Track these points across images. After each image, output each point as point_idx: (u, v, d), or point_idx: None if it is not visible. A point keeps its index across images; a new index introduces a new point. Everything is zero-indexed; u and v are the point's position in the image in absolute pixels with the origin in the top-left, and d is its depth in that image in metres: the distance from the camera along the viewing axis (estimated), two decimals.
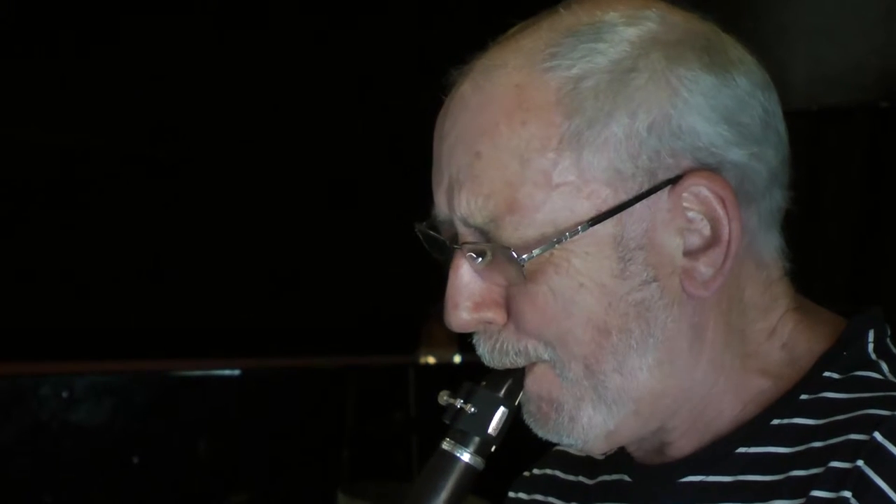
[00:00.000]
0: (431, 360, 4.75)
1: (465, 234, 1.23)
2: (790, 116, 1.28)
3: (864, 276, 4.02)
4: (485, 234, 1.21)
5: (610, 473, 1.36)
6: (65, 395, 4.40)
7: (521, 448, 1.33)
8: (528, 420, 1.26)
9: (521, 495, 1.47)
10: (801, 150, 1.29)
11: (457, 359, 4.71)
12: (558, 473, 1.44)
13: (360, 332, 4.82)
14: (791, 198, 1.26)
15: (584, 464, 1.38)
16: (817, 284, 1.35)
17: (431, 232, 1.27)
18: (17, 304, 4.53)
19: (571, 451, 1.28)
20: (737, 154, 1.21)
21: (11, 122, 4.55)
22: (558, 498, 1.43)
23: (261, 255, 4.90)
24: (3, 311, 4.49)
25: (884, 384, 1.22)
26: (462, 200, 1.21)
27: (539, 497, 1.45)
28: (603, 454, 1.29)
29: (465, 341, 1.28)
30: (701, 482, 1.26)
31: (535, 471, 1.47)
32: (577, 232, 1.18)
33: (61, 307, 4.62)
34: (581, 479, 1.40)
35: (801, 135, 3.49)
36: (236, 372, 4.73)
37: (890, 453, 1.14)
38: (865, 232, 4.04)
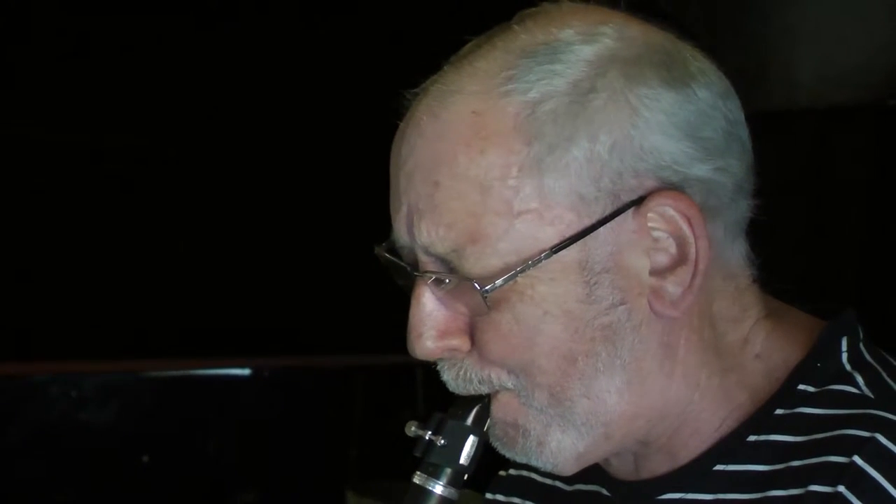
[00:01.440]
0: None
1: (427, 262, 1.20)
2: (797, 115, 1.27)
3: (872, 275, 4.01)
4: (447, 264, 1.19)
5: (586, 483, 1.35)
6: (74, 394, 4.40)
7: None
8: (495, 443, 1.25)
9: (499, 497, 1.46)
10: (808, 148, 1.28)
11: None
12: (534, 476, 1.43)
13: (368, 331, 4.82)
14: (795, 197, 1.25)
15: None
16: (824, 284, 1.35)
17: (390, 256, 1.24)
18: (25, 303, 4.54)
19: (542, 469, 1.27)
20: (701, 169, 1.19)
21: (17, 122, 4.55)
22: (534, 501, 1.42)
23: (270, 253, 4.90)
24: (12, 310, 4.50)
25: (860, 400, 1.20)
26: (422, 230, 1.19)
27: (516, 500, 1.44)
28: (573, 473, 1.27)
29: None
30: (680, 500, 1.25)
31: (512, 471, 1.46)
32: (541, 260, 1.16)
33: (70, 307, 4.63)
34: (557, 483, 1.40)
35: (808, 133, 3.48)
36: (245, 371, 4.74)
37: (871, 478, 1.14)
38: (873, 231, 4.03)
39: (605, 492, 1.33)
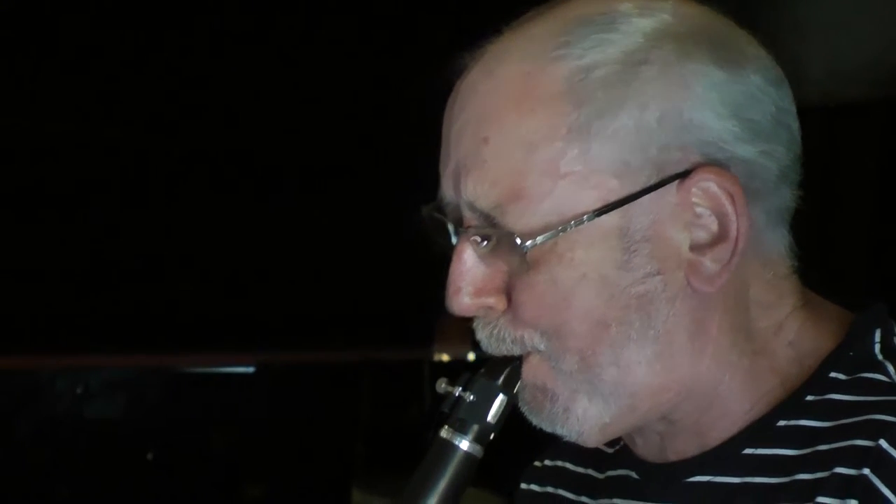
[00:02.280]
0: (445, 357, 4.74)
1: (470, 218, 1.22)
2: (806, 112, 1.27)
3: (880, 270, 4.01)
4: (489, 220, 1.20)
5: (616, 468, 1.36)
6: (80, 390, 4.41)
7: (524, 438, 1.32)
8: (523, 407, 1.26)
9: (534, 487, 1.46)
10: (817, 145, 1.28)
11: (471, 357, 4.70)
12: (568, 465, 1.43)
13: (375, 327, 4.83)
14: (806, 194, 1.26)
15: (593, 456, 1.37)
16: (832, 282, 1.34)
17: (437, 214, 1.26)
18: (32, 298, 4.54)
19: (566, 439, 1.28)
20: (746, 150, 1.19)
21: (23, 114, 4.56)
22: (568, 490, 1.42)
23: (278, 250, 4.91)
24: (18, 305, 4.50)
25: (890, 387, 1.21)
26: (468, 185, 1.21)
27: (550, 489, 1.44)
28: (597, 445, 1.28)
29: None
30: (708, 482, 1.25)
31: (547, 462, 1.46)
32: (582, 222, 1.17)
33: (77, 301, 4.63)
34: (590, 471, 1.40)
35: (817, 130, 3.48)
36: (252, 366, 4.74)
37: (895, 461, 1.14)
38: (882, 227, 4.03)
39: (634, 475, 1.33)
